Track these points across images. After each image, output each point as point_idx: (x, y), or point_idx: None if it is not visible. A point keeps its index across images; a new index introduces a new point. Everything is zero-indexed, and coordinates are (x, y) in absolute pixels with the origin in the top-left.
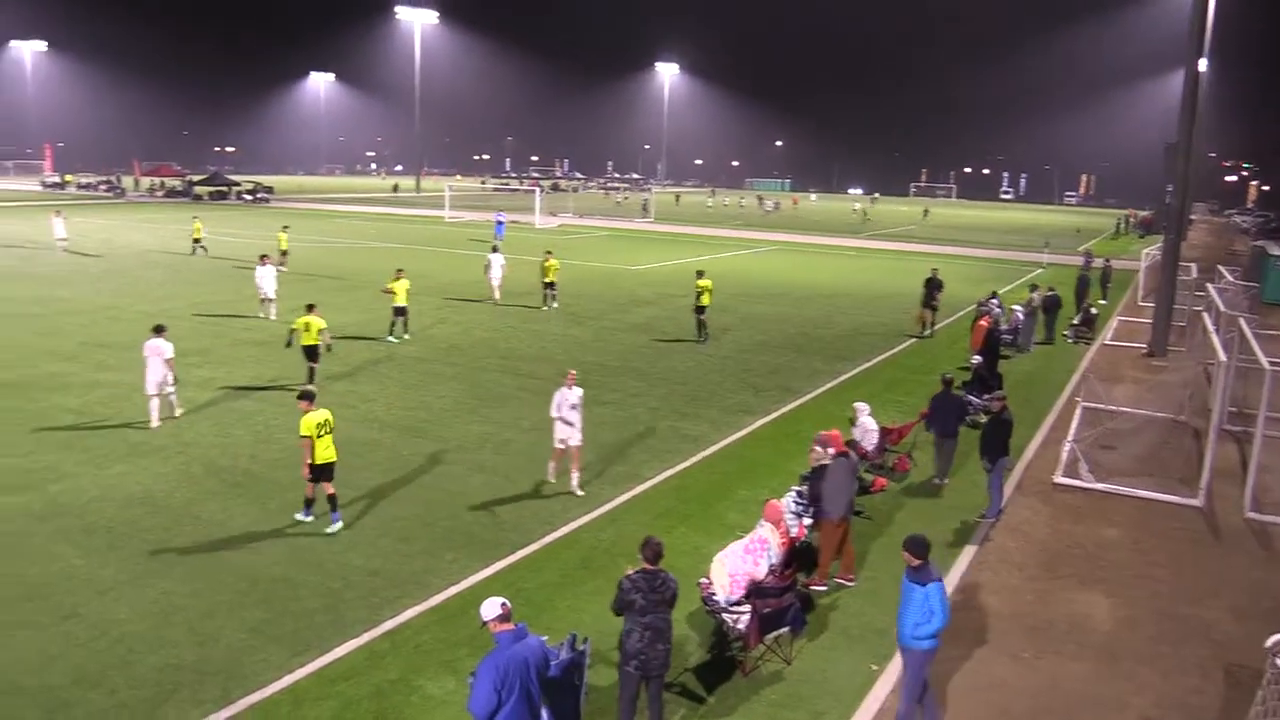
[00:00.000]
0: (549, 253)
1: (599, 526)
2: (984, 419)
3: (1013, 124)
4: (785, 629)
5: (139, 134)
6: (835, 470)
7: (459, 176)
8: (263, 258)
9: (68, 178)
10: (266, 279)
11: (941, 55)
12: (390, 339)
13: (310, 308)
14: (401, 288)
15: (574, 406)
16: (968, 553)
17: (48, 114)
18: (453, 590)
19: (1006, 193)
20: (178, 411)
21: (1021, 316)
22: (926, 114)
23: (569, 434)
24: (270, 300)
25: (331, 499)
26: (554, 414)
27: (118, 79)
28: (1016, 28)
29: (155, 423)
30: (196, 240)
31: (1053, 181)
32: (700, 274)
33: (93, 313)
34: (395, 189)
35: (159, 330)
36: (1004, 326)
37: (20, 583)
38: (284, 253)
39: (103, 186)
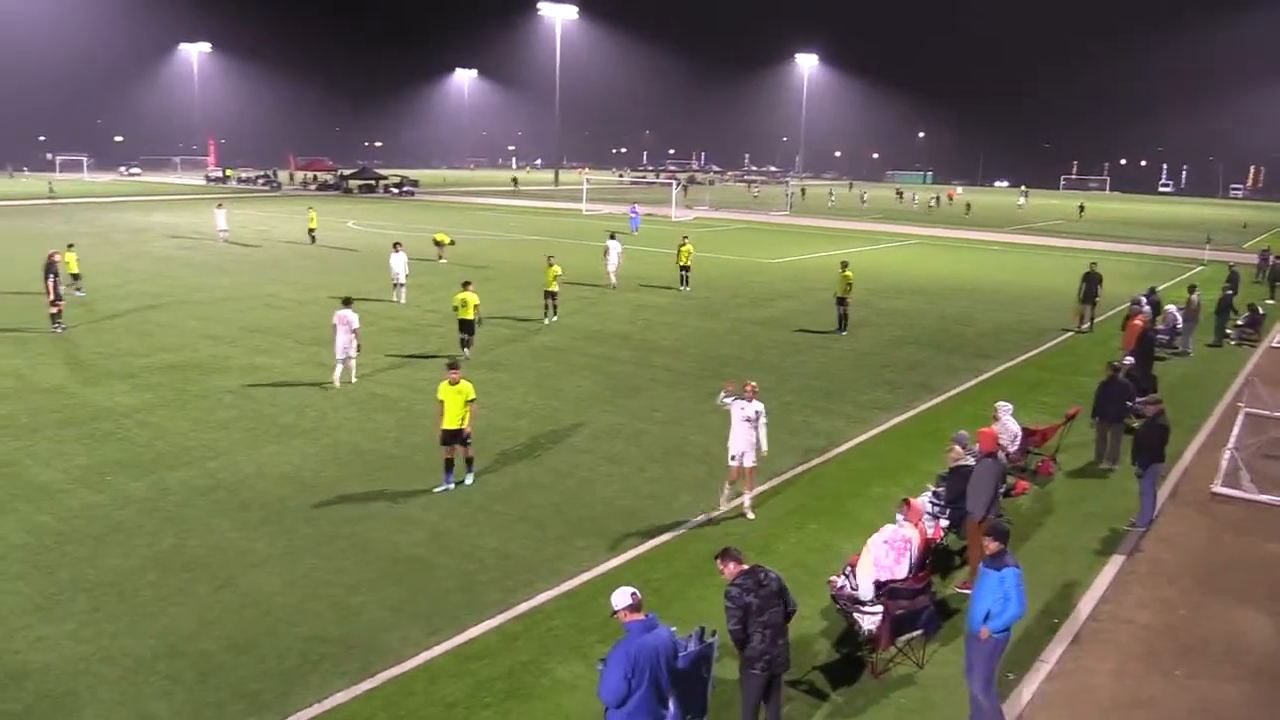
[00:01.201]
0: (685, 238)
1: (730, 520)
2: (1137, 423)
3: (1173, 113)
4: (918, 632)
5: (294, 130)
6: (981, 470)
7: (585, 170)
8: (396, 245)
9: (229, 172)
10: (398, 264)
11: (1095, 40)
12: (547, 321)
13: (466, 284)
14: (551, 274)
15: (749, 420)
16: (1115, 562)
17: (211, 112)
18: (584, 577)
19: (1165, 186)
20: (354, 378)
21: (1179, 318)
22: (1078, 103)
23: (744, 449)
24: (401, 285)
25: (449, 462)
26: (732, 424)
27: (275, 78)
28: (1178, 9)
29: (338, 383)
30: (311, 230)
31: (1217, 174)
32: (844, 265)
33: (250, 300)
34: (515, 182)
35: (347, 302)
36: (1160, 326)
37: (180, 552)
38: (438, 244)
39: (260, 180)
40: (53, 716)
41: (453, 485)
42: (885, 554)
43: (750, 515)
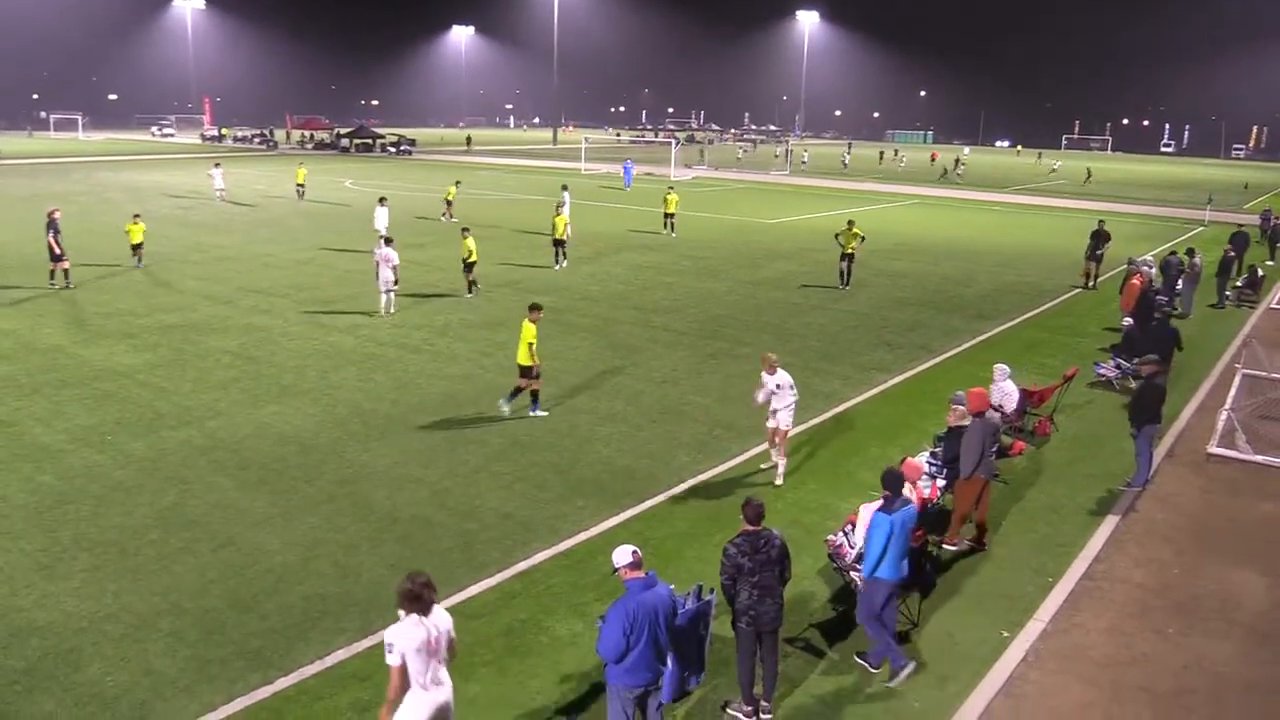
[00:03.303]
0: (670, 188)
1: (728, 479)
2: (1133, 384)
3: (1175, 72)
4: (914, 590)
5: (290, 88)
6: (970, 430)
7: (570, 128)
8: (381, 199)
9: (225, 131)
10: (381, 219)
11: None
12: (557, 268)
13: (465, 231)
14: (560, 222)
15: (772, 392)
16: (1110, 522)
17: (206, 70)
18: (582, 536)
19: (1167, 146)
20: (394, 309)
21: (1179, 279)
22: (1080, 62)
23: (776, 419)
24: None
25: (534, 394)
26: (757, 400)
27: (271, 35)
28: None
29: (383, 313)
30: (300, 185)
31: (1219, 134)
32: (850, 223)
33: (248, 260)
34: (468, 141)
35: (388, 241)
36: (1158, 287)
37: (181, 511)
38: (449, 202)
39: (256, 139)
40: (57, 672)
41: (508, 408)
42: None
43: (778, 482)
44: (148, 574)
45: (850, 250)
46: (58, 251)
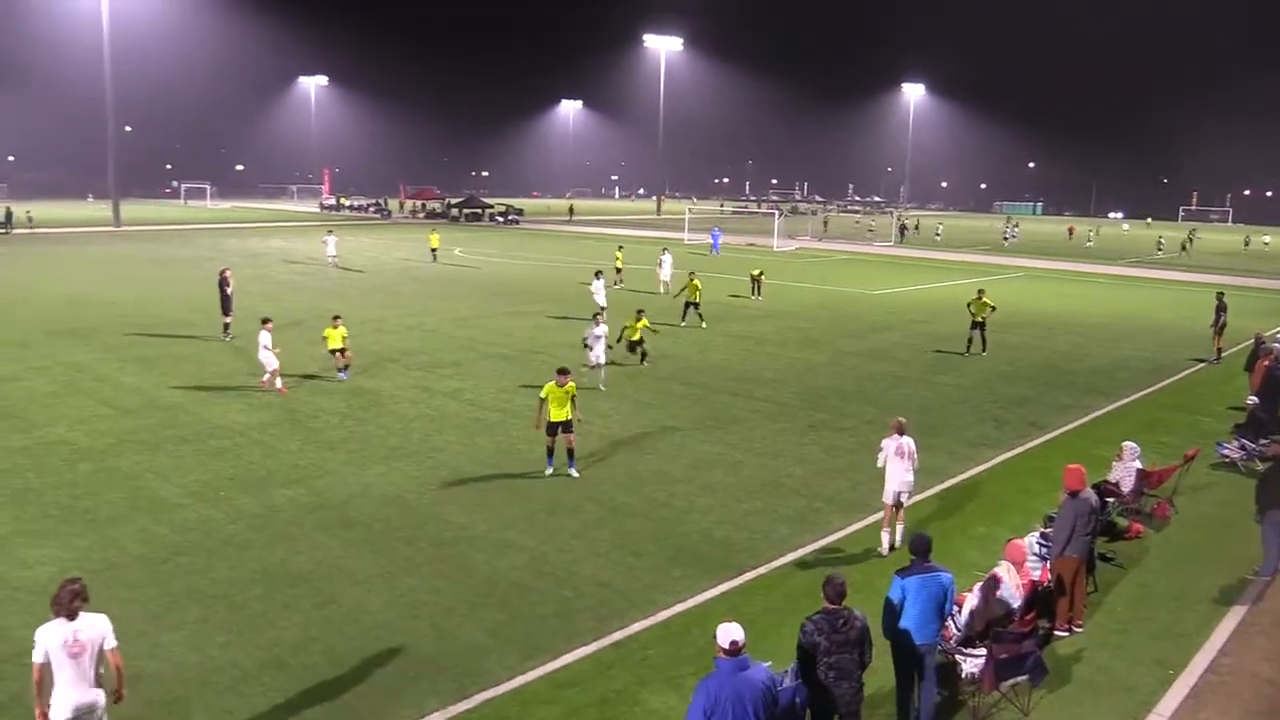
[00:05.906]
0: (760, 271)
1: (828, 554)
2: (1260, 466)
3: None
4: (1024, 677)
5: (405, 159)
6: (1063, 508)
7: (668, 197)
8: (597, 273)
9: (342, 200)
10: (599, 291)
11: (1215, 60)
12: (682, 324)
13: (598, 311)
14: (694, 287)
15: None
16: (1236, 612)
17: (326, 143)
18: (680, 607)
19: None
20: (603, 386)
21: None
22: (1197, 130)
23: (899, 488)
24: (602, 309)
25: (569, 451)
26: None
27: (388, 109)
28: None
29: (602, 388)
30: (433, 250)
31: None
32: (981, 292)
33: (358, 324)
34: (570, 211)
35: (596, 316)
36: None
37: (287, 568)
38: (619, 270)
39: (371, 209)
40: None
41: (551, 470)
42: (979, 599)
43: (884, 552)
44: (253, 628)
45: (981, 319)
46: (227, 307)
